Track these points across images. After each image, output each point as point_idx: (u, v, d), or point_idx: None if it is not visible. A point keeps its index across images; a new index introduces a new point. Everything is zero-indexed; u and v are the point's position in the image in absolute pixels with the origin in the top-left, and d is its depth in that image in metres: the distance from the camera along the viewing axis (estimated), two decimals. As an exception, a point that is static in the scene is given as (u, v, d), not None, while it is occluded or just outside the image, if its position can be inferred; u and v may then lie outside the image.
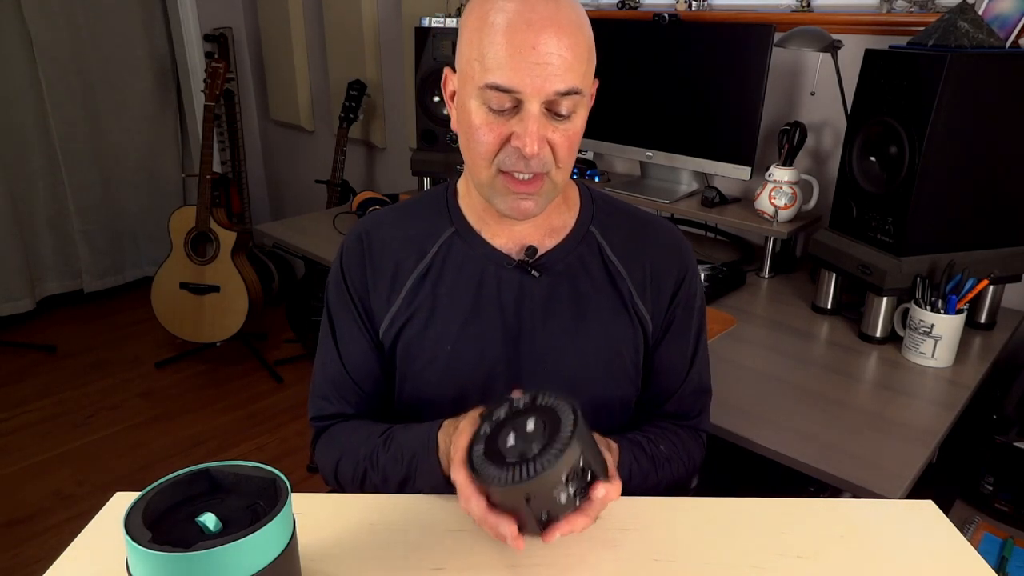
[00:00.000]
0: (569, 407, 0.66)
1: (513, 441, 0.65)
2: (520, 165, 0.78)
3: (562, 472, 0.62)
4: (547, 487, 0.62)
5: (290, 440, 2.47)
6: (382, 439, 0.87)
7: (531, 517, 0.64)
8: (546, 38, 0.73)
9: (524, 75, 0.74)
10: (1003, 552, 1.19)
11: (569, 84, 0.75)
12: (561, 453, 0.61)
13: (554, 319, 0.89)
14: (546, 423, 0.65)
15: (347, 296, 0.93)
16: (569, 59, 0.75)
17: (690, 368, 0.96)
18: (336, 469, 0.92)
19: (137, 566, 0.52)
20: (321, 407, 0.96)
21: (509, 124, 0.77)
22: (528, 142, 0.76)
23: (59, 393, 2.71)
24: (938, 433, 1.10)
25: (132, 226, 3.54)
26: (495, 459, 0.65)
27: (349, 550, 0.73)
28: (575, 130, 0.80)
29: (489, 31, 0.75)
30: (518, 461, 0.63)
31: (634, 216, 0.97)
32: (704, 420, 1.00)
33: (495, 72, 0.74)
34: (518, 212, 0.83)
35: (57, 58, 3.09)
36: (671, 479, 0.92)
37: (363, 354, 0.93)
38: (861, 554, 0.73)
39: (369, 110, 2.86)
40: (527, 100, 0.75)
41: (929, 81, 1.22)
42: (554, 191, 0.84)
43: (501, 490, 0.63)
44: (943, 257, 1.31)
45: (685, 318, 0.95)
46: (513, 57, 0.73)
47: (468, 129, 0.80)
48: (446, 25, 2.10)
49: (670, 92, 1.83)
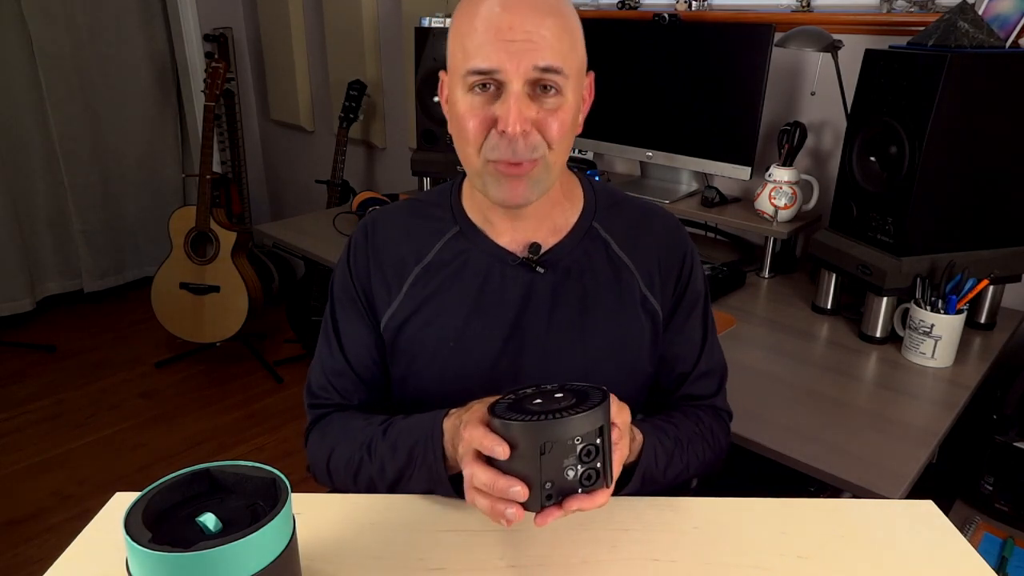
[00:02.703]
0: (598, 389, 0.67)
1: (540, 401, 0.66)
2: (507, 152, 0.77)
3: (583, 429, 0.62)
4: (564, 439, 0.62)
5: (290, 440, 2.47)
6: (381, 428, 0.86)
7: (538, 482, 0.63)
8: (521, 17, 0.74)
9: (501, 53, 0.74)
10: (1003, 552, 1.19)
11: (547, 60, 0.75)
12: (588, 411, 0.62)
13: (560, 316, 0.89)
14: (574, 397, 0.66)
15: (352, 288, 0.93)
16: (548, 37, 0.75)
17: (702, 349, 0.96)
18: (329, 459, 0.90)
19: (137, 566, 0.52)
20: (320, 396, 0.95)
21: (492, 109, 0.77)
22: (510, 121, 0.75)
23: (59, 393, 2.71)
24: (938, 433, 1.10)
25: (132, 226, 3.54)
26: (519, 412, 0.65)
27: (349, 550, 0.73)
28: (564, 109, 0.79)
29: (468, 20, 0.77)
30: (542, 411, 0.64)
31: (634, 206, 0.97)
32: (722, 398, 0.99)
33: (474, 57, 0.75)
34: (512, 197, 0.81)
35: (57, 58, 3.09)
36: (699, 462, 0.91)
37: (365, 347, 0.93)
38: (861, 554, 0.73)
39: (369, 110, 2.86)
40: (508, 81, 0.75)
41: (929, 81, 1.22)
42: (548, 175, 0.82)
43: (521, 429, 0.63)
44: (943, 257, 1.31)
45: (691, 301, 0.95)
46: (490, 40, 0.75)
47: (457, 121, 0.80)
48: (446, 25, 2.10)
49: (670, 92, 1.83)
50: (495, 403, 0.68)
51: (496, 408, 0.67)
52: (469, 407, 0.74)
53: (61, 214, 3.31)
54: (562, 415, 0.62)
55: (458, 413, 0.77)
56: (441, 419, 0.79)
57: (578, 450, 0.63)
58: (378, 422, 0.88)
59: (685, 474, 0.90)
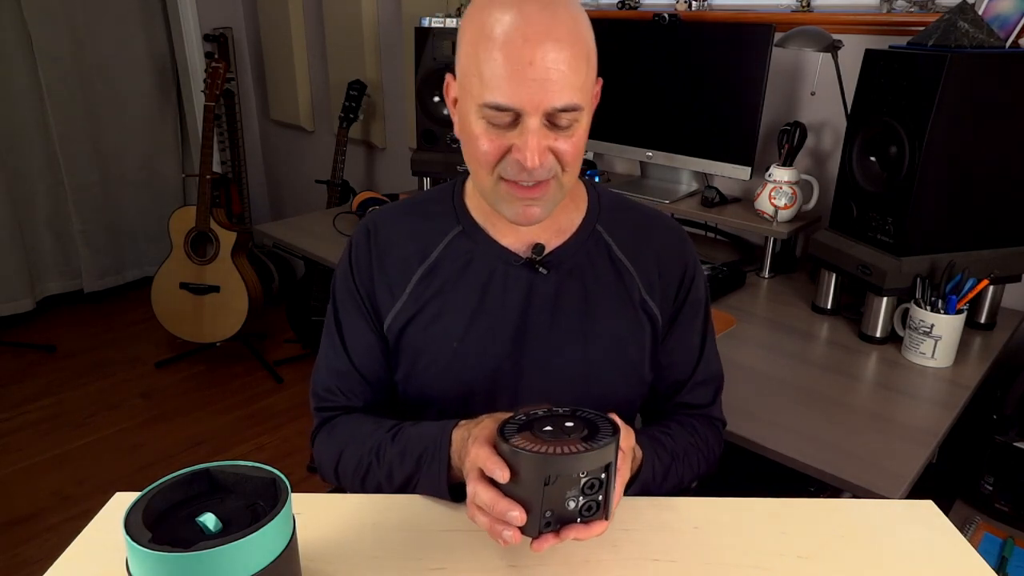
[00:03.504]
0: (609, 421, 0.67)
1: (550, 428, 0.66)
2: (523, 175, 0.78)
3: (590, 465, 0.62)
4: (570, 474, 0.62)
5: (290, 440, 2.47)
6: (390, 434, 0.86)
7: (538, 510, 0.63)
8: (543, 53, 0.73)
9: (522, 92, 0.73)
10: (1003, 552, 1.19)
11: (567, 100, 0.75)
12: (598, 449, 0.62)
13: (562, 317, 0.89)
14: (585, 427, 0.66)
15: (354, 289, 0.93)
16: (567, 73, 0.74)
17: (699, 358, 0.97)
18: (338, 462, 0.91)
19: (137, 566, 0.52)
20: (326, 399, 0.95)
21: (509, 136, 0.77)
22: (529, 156, 0.76)
23: (59, 393, 2.71)
24: (938, 433, 1.10)
25: (132, 226, 3.54)
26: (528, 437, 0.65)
27: (349, 550, 0.73)
28: (579, 135, 0.80)
29: (486, 46, 0.74)
30: (553, 439, 0.64)
31: (638, 212, 0.97)
32: (718, 408, 1.00)
33: (494, 91, 0.74)
34: (524, 218, 0.82)
35: (57, 58, 3.09)
36: (694, 473, 0.92)
37: (368, 347, 0.93)
38: (861, 554, 0.73)
39: (369, 110, 2.86)
40: (526, 115, 0.75)
41: (929, 81, 1.22)
42: (561, 194, 0.83)
43: (528, 460, 0.63)
44: (943, 257, 1.31)
45: (692, 309, 0.95)
46: (511, 75, 0.73)
47: (469, 139, 0.80)
48: (446, 25, 2.10)
49: (670, 92, 1.83)
50: (505, 424, 0.68)
51: (505, 430, 0.67)
52: (479, 421, 0.75)
53: (61, 214, 3.32)
54: (572, 450, 0.62)
55: (467, 425, 0.77)
56: (450, 429, 0.79)
57: (582, 484, 0.63)
58: (387, 427, 0.88)
59: (680, 485, 0.91)
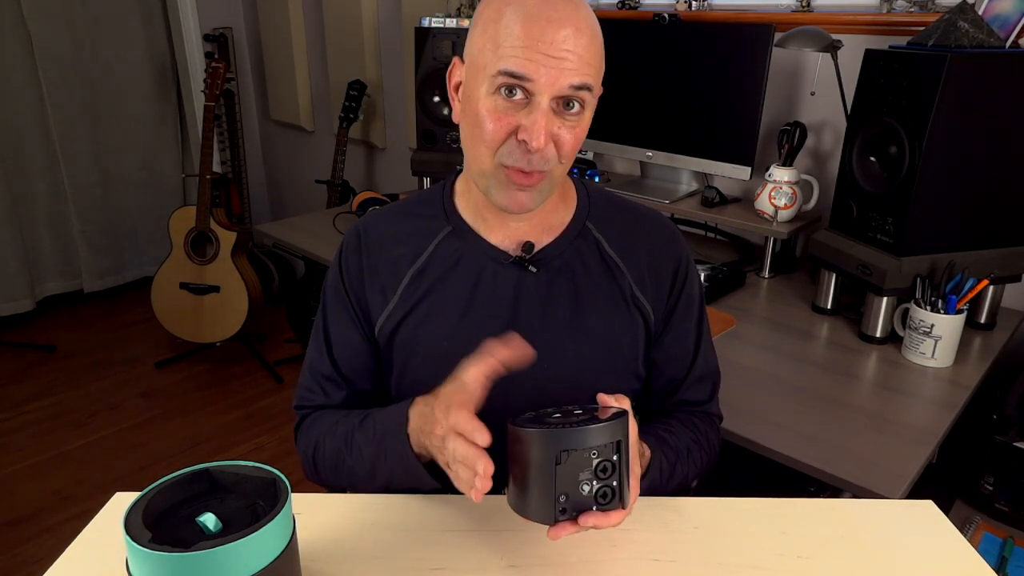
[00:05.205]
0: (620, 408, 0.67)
1: (559, 415, 0.67)
2: (523, 162, 0.78)
3: (599, 440, 0.62)
4: (579, 449, 0.62)
5: (290, 440, 2.44)
6: (358, 420, 0.88)
7: (552, 493, 0.63)
8: (565, 34, 0.74)
9: (539, 65, 0.74)
10: (1003, 552, 1.19)
11: (583, 78, 0.76)
12: (605, 422, 0.62)
13: (552, 314, 0.89)
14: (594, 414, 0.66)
15: (343, 291, 0.94)
16: (585, 56, 0.76)
17: (695, 354, 0.97)
18: (315, 454, 0.92)
19: (137, 566, 0.52)
20: (306, 398, 0.97)
21: (517, 116, 0.77)
22: (535, 135, 0.75)
23: (59, 393, 2.71)
24: (938, 433, 1.10)
25: (132, 226, 3.54)
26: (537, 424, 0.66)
27: (349, 550, 0.73)
28: (581, 127, 0.80)
29: (507, 21, 0.75)
30: (562, 420, 0.64)
31: (628, 209, 0.97)
32: (715, 404, 1.00)
33: (510, 59, 0.74)
34: (515, 205, 0.82)
35: (57, 58, 3.09)
36: (697, 469, 0.92)
37: (353, 349, 0.94)
38: (861, 554, 0.73)
39: (369, 110, 2.86)
40: (538, 93, 0.75)
41: (929, 81, 1.22)
42: (551, 187, 0.84)
43: (536, 437, 0.63)
44: (943, 257, 1.31)
45: (686, 306, 0.95)
46: (530, 47, 0.74)
47: (474, 118, 0.79)
48: (446, 25, 2.10)
49: (670, 92, 1.83)
50: (514, 418, 0.69)
51: (515, 420, 0.67)
52: (435, 392, 0.75)
53: (61, 214, 3.31)
54: (578, 425, 0.62)
55: (424, 399, 0.78)
56: (407, 407, 0.80)
57: (594, 464, 0.63)
58: (357, 415, 0.89)
59: (684, 483, 0.91)
